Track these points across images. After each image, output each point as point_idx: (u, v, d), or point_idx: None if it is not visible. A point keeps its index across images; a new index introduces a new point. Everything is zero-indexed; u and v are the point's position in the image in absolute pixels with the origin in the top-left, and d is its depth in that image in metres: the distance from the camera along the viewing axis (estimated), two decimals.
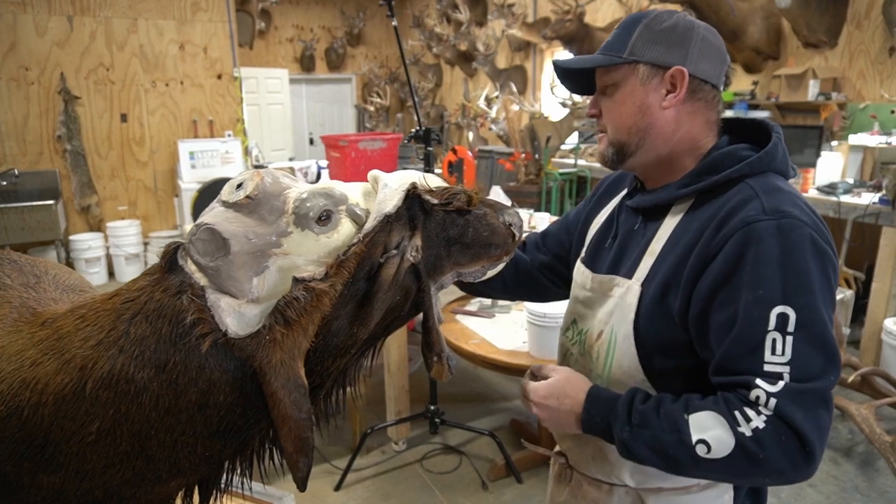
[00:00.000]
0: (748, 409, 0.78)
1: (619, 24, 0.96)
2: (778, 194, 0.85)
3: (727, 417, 0.78)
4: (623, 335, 0.95)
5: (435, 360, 0.87)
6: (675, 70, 0.91)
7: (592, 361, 1.01)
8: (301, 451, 0.77)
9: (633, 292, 0.94)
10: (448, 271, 0.85)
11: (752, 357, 0.79)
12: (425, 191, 0.82)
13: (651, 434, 0.82)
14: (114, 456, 0.80)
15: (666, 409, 0.83)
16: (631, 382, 0.94)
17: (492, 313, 2.50)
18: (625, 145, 0.96)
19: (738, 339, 0.80)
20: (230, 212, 0.78)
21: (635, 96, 0.93)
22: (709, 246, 0.85)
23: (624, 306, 0.95)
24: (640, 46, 0.92)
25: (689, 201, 0.93)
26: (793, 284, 0.79)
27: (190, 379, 0.77)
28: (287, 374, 0.75)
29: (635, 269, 0.96)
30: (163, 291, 0.77)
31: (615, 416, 0.86)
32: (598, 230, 1.10)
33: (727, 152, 0.92)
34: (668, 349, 0.91)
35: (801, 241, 0.80)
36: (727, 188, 0.89)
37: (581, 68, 0.99)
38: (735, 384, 0.80)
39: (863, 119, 3.91)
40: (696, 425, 0.79)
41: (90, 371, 0.77)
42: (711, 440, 0.78)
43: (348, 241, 0.78)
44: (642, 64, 0.92)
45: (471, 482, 2.45)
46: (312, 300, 0.75)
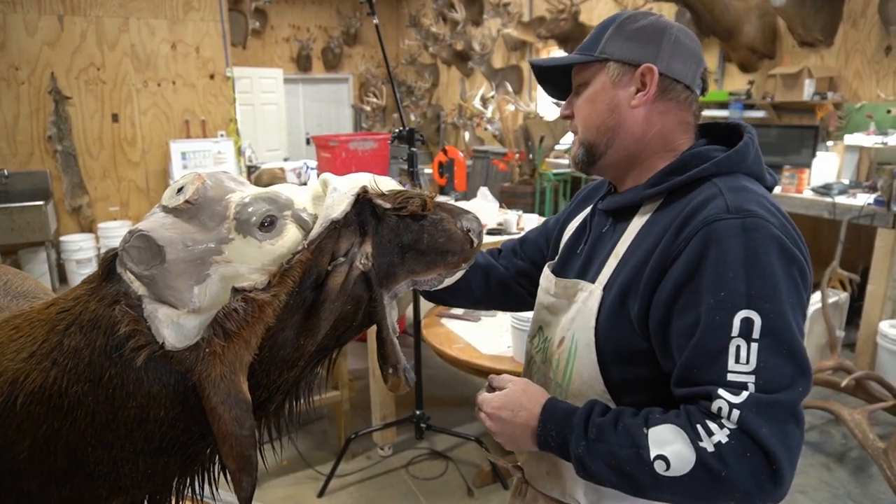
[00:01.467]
0: (710, 422, 0.72)
1: (597, 27, 0.95)
2: (744, 193, 0.81)
3: (688, 431, 0.73)
4: (584, 342, 0.90)
5: (391, 373, 0.83)
6: (645, 67, 0.88)
7: (553, 369, 0.97)
8: (244, 470, 0.73)
9: (595, 297, 0.90)
10: (402, 280, 0.81)
11: (714, 365, 0.73)
12: (377, 195, 0.78)
13: (608, 449, 0.76)
14: (49, 474, 0.76)
15: (625, 423, 0.77)
16: (591, 393, 0.89)
17: (477, 317, 2.46)
18: (594, 146, 0.93)
19: (699, 347, 0.75)
20: (169, 217, 0.74)
21: (605, 94, 0.91)
22: (670, 247, 0.80)
23: (586, 312, 0.91)
24: (611, 45, 0.90)
25: (657, 202, 0.89)
26: (758, 287, 0.74)
27: (127, 393, 0.73)
28: (228, 388, 0.71)
29: (599, 273, 0.92)
30: (98, 301, 0.73)
31: (571, 430, 0.80)
32: (571, 236, 1.06)
33: (696, 152, 0.89)
34: (628, 358, 0.86)
35: (766, 242, 0.76)
36: (692, 188, 0.85)
37: (557, 68, 0.98)
38: (697, 395, 0.75)
39: (859, 119, 3.86)
40: (654, 440, 0.74)
41: (21, 385, 0.73)
42: (671, 456, 0.72)
43: (293, 249, 0.74)
44: (613, 62, 0.90)
45: (457, 488, 2.42)
46: (254, 311, 0.71)
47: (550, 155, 5.24)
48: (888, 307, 3.13)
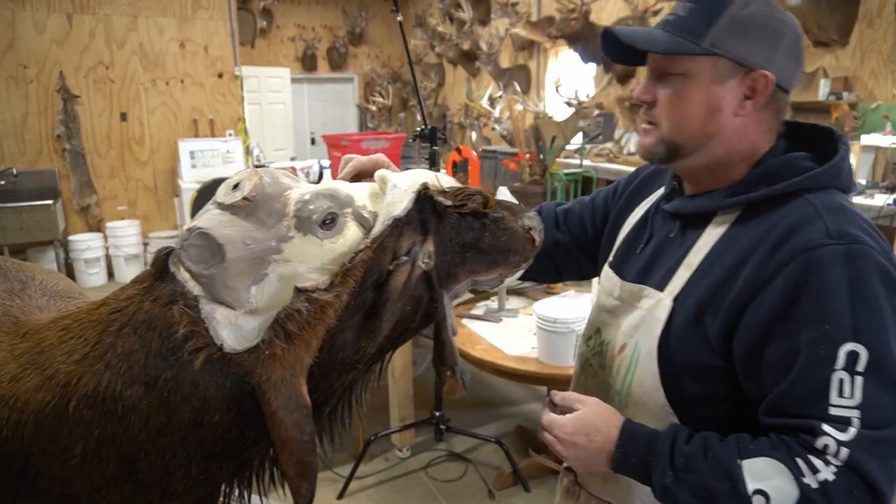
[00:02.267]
0: (814, 457, 0.69)
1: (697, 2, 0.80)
2: (842, 214, 0.76)
3: (790, 466, 0.69)
4: (646, 351, 0.86)
5: (448, 375, 0.81)
6: (760, 74, 0.78)
7: (612, 375, 0.94)
8: (303, 476, 0.70)
9: (664, 307, 0.85)
10: (463, 279, 0.78)
11: (816, 399, 0.70)
12: (438, 192, 0.75)
13: (699, 481, 0.73)
14: (100, 480, 0.74)
15: (715, 453, 0.73)
16: (651, 404, 0.86)
17: (499, 317, 2.43)
18: (680, 147, 0.84)
19: (800, 379, 0.71)
20: (226, 215, 0.71)
21: (707, 96, 0.80)
22: (761, 270, 0.75)
23: (651, 320, 0.86)
24: (724, 36, 0.78)
25: (736, 213, 0.83)
26: (864, 319, 0.70)
27: (183, 397, 0.71)
28: (288, 392, 0.69)
29: (668, 282, 0.86)
30: (153, 301, 0.71)
31: (655, 458, 0.76)
32: (630, 232, 1.00)
33: (785, 161, 0.82)
34: (696, 373, 0.82)
35: (871, 270, 0.71)
36: (781, 202, 0.79)
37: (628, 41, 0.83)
38: (797, 428, 0.71)
39: (875, 119, 3.83)
40: (751, 473, 0.70)
41: (74, 388, 0.71)
42: (771, 491, 0.69)
43: (355, 247, 0.71)
44: (724, 59, 0.79)
45: (477, 490, 2.39)
46: (316, 312, 0.68)
47: (561, 155, 5.22)
48: None
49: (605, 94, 5.82)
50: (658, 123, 0.85)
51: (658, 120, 0.85)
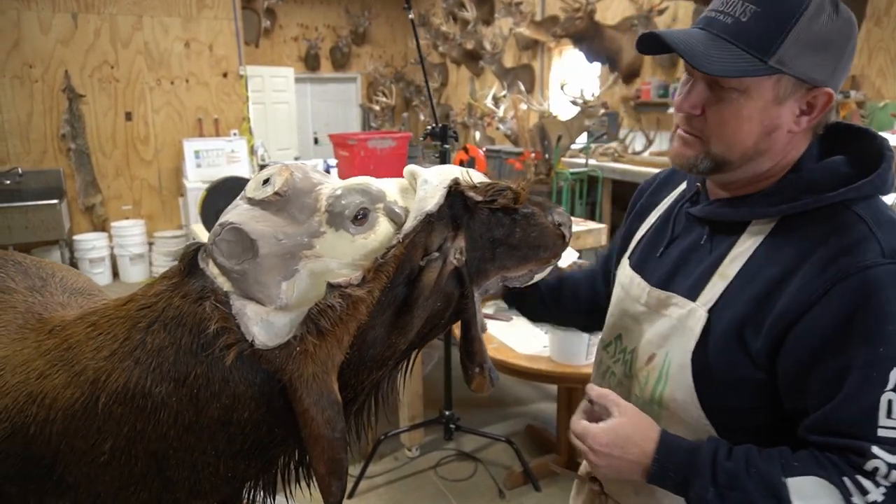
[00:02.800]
0: (863, 479, 0.68)
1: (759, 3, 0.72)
2: (893, 228, 0.73)
3: (839, 486, 0.68)
4: (678, 363, 0.83)
5: (477, 372, 0.80)
6: (823, 92, 0.74)
7: (640, 386, 0.89)
8: (334, 474, 0.70)
9: (698, 318, 0.81)
10: (493, 275, 0.78)
11: (865, 420, 0.69)
12: (469, 187, 0.75)
13: (744, 498, 0.71)
14: (128, 477, 0.73)
15: (758, 469, 0.72)
16: (685, 416, 0.83)
17: (509, 316, 2.42)
18: (729, 163, 0.79)
19: (850, 399, 0.69)
20: (257, 210, 0.71)
21: (766, 115, 0.75)
22: (811, 286, 0.71)
23: (684, 331, 0.82)
24: (792, 53, 0.71)
25: (773, 222, 0.79)
26: None
27: (212, 393, 0.70)
28: (320, 389, 0.68)
29: (700, 292, 0.82)
30: (182, 297, 0.70)
31: (696, 473, 0.74)
32: (651, 231, 0.97)
33: (826, 168, 0.77)
34: (737, 386, 0.79)
35: None
36: (825, 213, 0.75)
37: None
38: (846, 448, 0.70)
39: (882, 118, 3.82)
40: (797, 492, 0.69)
41: (103, 385, 0.70)
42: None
43: (386, 243, 0.71)
44: (788, 76, 0.73)
45: (487, 490, 2.38)
46: (349, 308, 0.68)
47: (566, 154, 5.21)
48: None
49: (610, 94, 5.81)
50: (704, 137, 0.79)
51: (705, 134, 0.78)
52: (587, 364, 1.96)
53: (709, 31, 0.75)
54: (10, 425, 0.73)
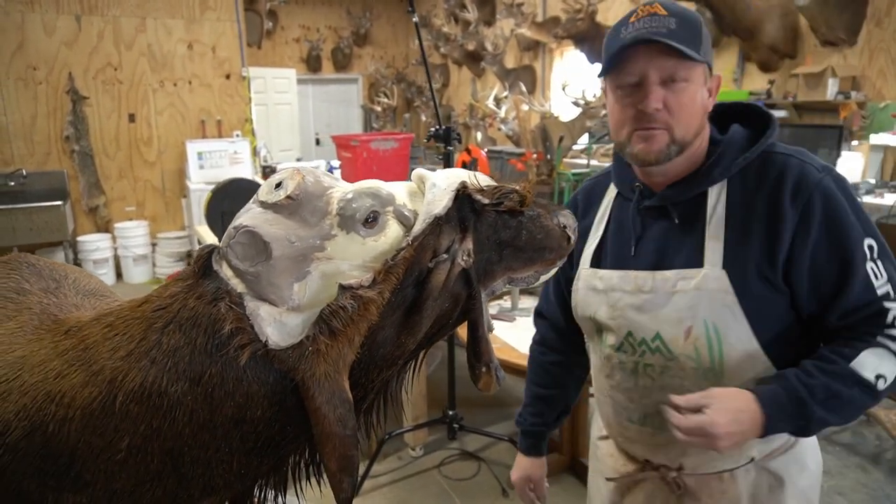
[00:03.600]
0: (891, 330, 0.89)
1: (674, 16, 0.92)
2: (807, 153, 0.96)
3: (884, 346, 0.88)
4: (722, 319, 0.95)
5: (483, 371, 0.81)
6: (716, 77, 0.98)
7: (693, 359, 0.98)
8: (345, 471, 0.71)
9: (715, 277, 0.94)
10: (499, 276, 0.79)
11: (866, 289, 0.90)
12: (476, 190, 0.76)
13: (840, 400, 0.88)
14: (144, 475, 0.75)
15: (830, 371, 0.89)
16: (748, 366, 0.95)
17: (512, 316, 2.44)
18: (687, 144, 0.96)
19: (851, 280, 0.90)
20: (269, 213, 0.72)
21: (699, 96, 0.95)
22: (791, 215, 0.92)
23: (712, 294, 0.95)
24: (705, 47, 0.94)
25: (722, 185, 0.98)
26: (863, 221, 0.92)
27: (227, 392, 0.72)
28: (332, 388, 0.70)
29: (702, 257, 0.96)
30: (197, 298, 0.72)
31: (801, 403, 0.88)
32: (606, 238, 1.10)
33: (736, 134, 0.99)
34: (776, 315, 0.95)
35: (847, 186, 0.95)
36: (761, 163, 0.96)
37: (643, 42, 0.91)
38: (864, 320, 0.90)
39: (883, 118, 3.84)
40: (863, 366, 0.88)
41: (120, 384, 0.72)
42: (884, 370, 0.88)
43: (396, 245, 0.72)
44: (705, 65, 0.95)
45: (490, 489, 2.40)
46: (360, 309, 0.69)
47: (568, 155, 5.22)
48: None
49: None
50: (669, 126, 0.94)
51: (669, 123, 0.94)
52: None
53: (660, 36, 0.91)
54: (30, 423, 0.75)
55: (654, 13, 0.92)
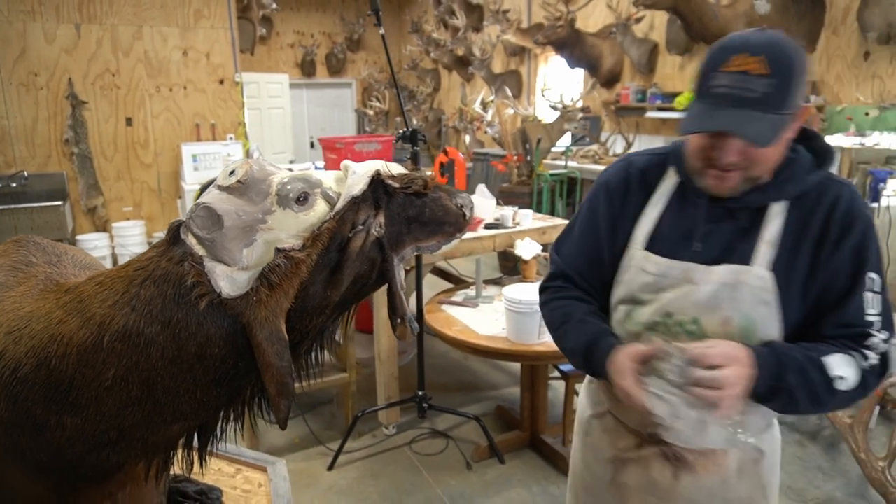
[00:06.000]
0: (867, 351, 1.02)
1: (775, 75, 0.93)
2: (855, 188, 1.09)
3: (855, 357, 1.01)
4: (761, 316, 1.04)
5: (399, 322, 1.02)
6: (806, 108, 1.02)
7: None
8: (282, 395, 0.91)
9: (760, 276, 1.03)
10: (408, 245, 0.99)
11: (859, 311, 1.03)
12: (388, 176, 0.97)
13: (807, 377, 0.99)
14: (126, 399, 0.94)
15: (805, 355, 1.01)
16: None
17: (476, 303, 2.64)
18: (761, 177, 1.03)
19: (853, 299, 1.03)
20: (224, 194, 0.93)
21: (783, 140, 0.99)
22: (839, 233, 1.03)
23: (754, 291, 1.03)
24: (796, 99, 0.96)
25: (788, 199, 1.04)
26: (875, 256, 1.04)
27: (190, 333, 0.91)
28: (270, 328, 0.90)
29: (751, 257, 1.04)
30: (168, 260, 0.92)
31: (783, 366, 0.99)
32: (662, 225, 1.12)
33: (805, 158, 1.06)
34: (798, 320, 1.06)
35: (872, 220, 1.07)
36: (821, 185, 1.05)
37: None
38: (854, 334, 1.03)
39: (840, 121, 4.04)
40: (832, 365, 1.00)
41: (107, 326, 0.91)
42: (847, 375, 1.00)
43: (322, 219, 0.92)
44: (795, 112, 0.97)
45: (456, 463, 2.59)
46: (292, 267, 0.89)
47: (547, 156, 5.43)
48: None
49: (592, 98, 6.03)
50: (743, 168, 1.00)
51: (745, 167, 1.00)
52: (539, 343, 2.18)
53: (744, 108, 0.94)
54: (37, 360, 0.95)
55: (752, 70, 0.92)
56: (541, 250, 2.76)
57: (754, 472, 1.15)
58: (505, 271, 4.62)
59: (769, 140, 0.94)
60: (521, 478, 2.49)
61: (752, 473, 1.14)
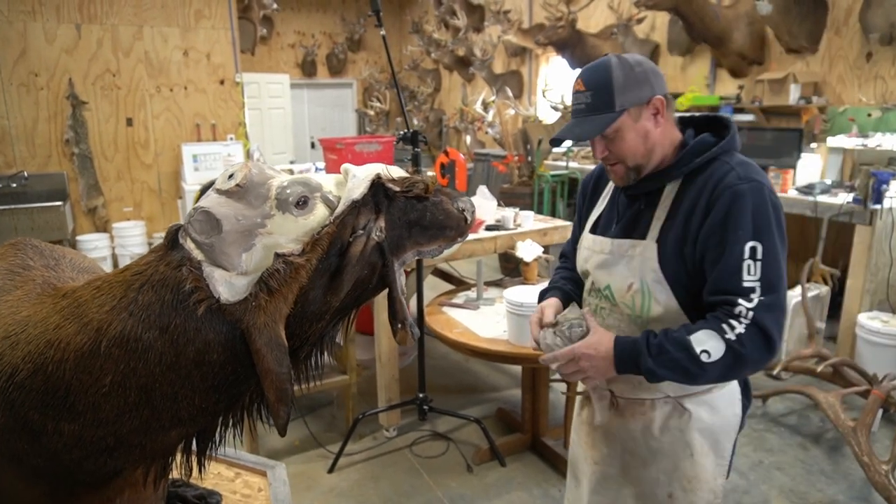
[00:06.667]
0: (732, 320, 1.10)
1: (586, 88, 1.22)
2: (748, 166, 1.19)
3: (718, 329, 1.10)
4: (652, 280, 1.22)
5: (399, 328, 1.01)
6: (656, 99, 1.22)
7: (629, 307, 1.27)
8: (281, 401, 0.90)
9: (650, 248, 1.23)
10: (409, 249, 0.98)
11: (734, 278, 1.11)
12: (388, 180, 0.96)
13: (668, 358, 1.12)
14: (124, 405, 0.93)
15: (672, 337, 1.13)
16: (667, 316, 1.22)
17: (477, 305, 2.63)
18: (641, 166, 1.25)
19: (725, 266, 1.12)
20: (223, 198, 0.92)
21: (636, 131, 1.22)
22: (707, 204, 1.17)
23: (647, 260, 1.23)
24: (623, 97, 1.20)
25: (678, 180, 1.24)
26: (760, 226, 1.12)
27: (188, 339, 0.90)
28: (270, 334, 0.89)
29: (647, 232, 1.25)
30: (166, 265, 0.91)
31: (639, 353, 1.15)
32: (603, 213, 1.39)
33: (700, 142, 1.23)
34: (687, 283, 1.20)
35: (765, 198, 1.15)
36: (707, 166, 1.21)
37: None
38: (724, 302, 1.12)
39: (842, 122, 4.04)
40: (696, 341, 1.11)
41: (105, 332, 0.90)
42: (710, 348, 1.09)
43: (322, 223, 0.91)
44: (630, 108, 1.20)
45: (456, 465, 2.59)
46: (291, 272, 0.88)
47: (548, 157, 5.42)
48: (866, 300, 3.29)
49: None
50: (620, 161, 1.25)
51: (619, 159, 1.25)
52: None
53: (581, 117, 1.24)
54: (34, 365, 0.94)
55: (577, 90, 1.24)
56: (542, 252, 2.75)
57: (677, 428, 1.29)
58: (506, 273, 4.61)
59: (592, 134, 1.21)
60: (522, 480, 2.48)
61: (674, 429, 1.30)
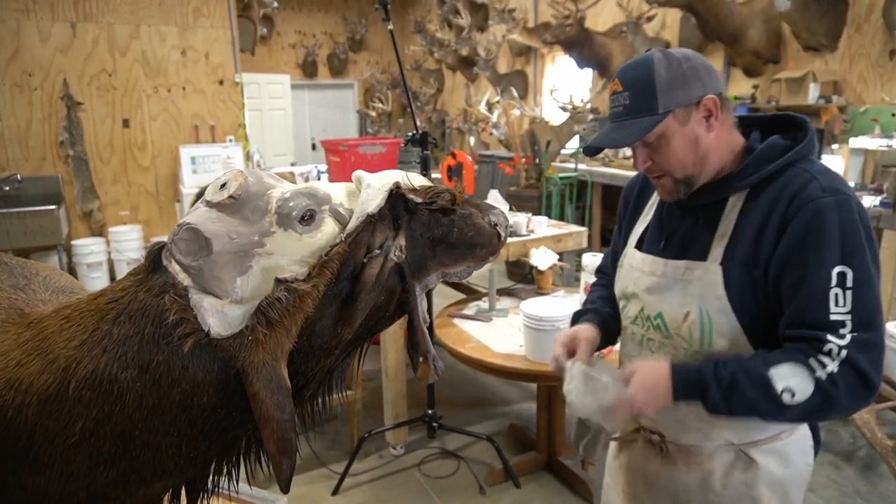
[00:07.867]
0: (823, 357, 0.94)
1: (627, 88, 1.05)
2: (830, 174, 1.01)
3: (806, 366, 0.94)
4: (715, 310, 1.05)
5: (421, 361, 0.86)
6: (707, 99, 1.04)
7: (686, 340, 1.11)
8: (284, 453, 0.76)
9: (714, 272, 1.05)
10: (433, 271, 0.84)
11: (819, 309, 0.95)
12: (409, 190, 0.81)
13: (741, 396, 0.96)
14: (97, 457, 0.79)
15: (747, 368, 0.97)
16: (733, 350, 1.05)
17: (489, 317, 2.49)
18: (692, 177, 1.08)
19: (808, 294, 0.96)
20: (213, 212, 0.77)
21: (684, 137, 1.05)
22: (782, 219, 1.00)
23: (708, 286, 1.06)
24: (667, 97, 1.02)
25: (745, 191, 1.06)
26: (847, 248, 0.95)
27: (173, 379, 0.76)
28: (270, 375, 0.74)
29: (707, 252, 1.07)
30: (146, 291, 0.77)
31: (705, 385, 0.99)
32: (649, 225, 1.21)
33: (771, 145, 1.05)
34: (758, 313, 1.04)
35: (852, 214, 0.97)
36: (781, 174, 1.03)
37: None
38: (809, 337, 0.96)
39: (864, 122, 3.90)
40: (778, 376, 0.95)
41: (73, 371, 0.76)
42: (795, 387, 0.94)
43: (331, 242, 0.77)
44: (677, 110, 1.03)
45: (468, 487, 2.44)
46: (295, 301, 0.74)
47: (556, 159, 5.28)
48: (894, 308, 3.15)
49: (602, 99, 5.89)
50: (667, 172, 1.08)
51: (665, 170, 1.08)
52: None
53: (619, 121, 1.07)
54: None
55: (614, 91, 1.07)
56: (557, 259, 2.61)
57: (742, 483, 1.13)
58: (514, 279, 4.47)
59: (630, 140, 1.05)
60: (539, 503, 2.33)
61: (739, 483, 1.13)
